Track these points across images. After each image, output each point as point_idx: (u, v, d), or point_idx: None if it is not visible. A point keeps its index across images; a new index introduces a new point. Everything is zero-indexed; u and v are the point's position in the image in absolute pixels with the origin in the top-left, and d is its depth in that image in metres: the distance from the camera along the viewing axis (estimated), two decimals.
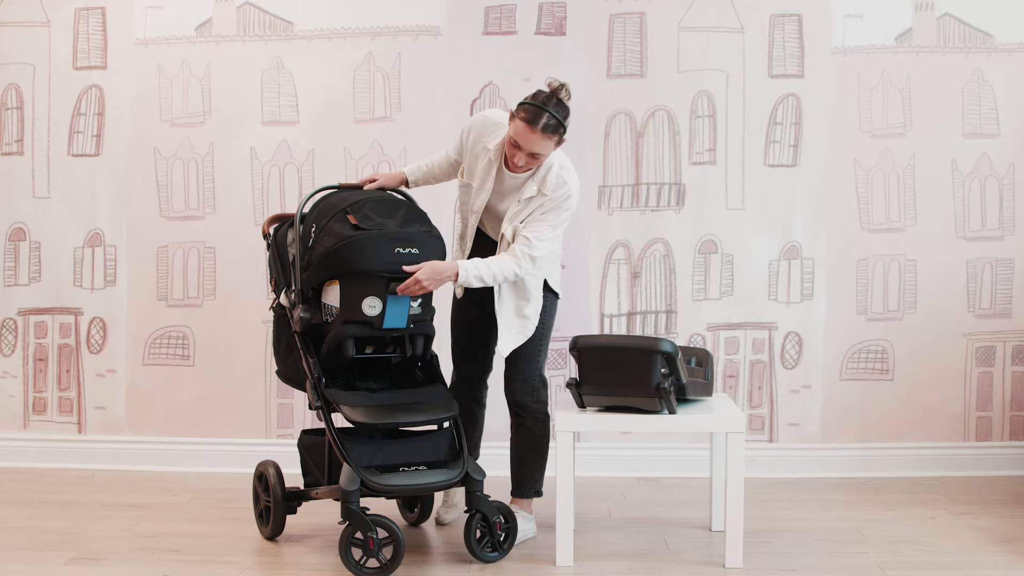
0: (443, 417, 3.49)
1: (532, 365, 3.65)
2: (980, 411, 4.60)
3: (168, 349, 4.73)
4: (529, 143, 3.35)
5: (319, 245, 3.42)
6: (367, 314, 3.37)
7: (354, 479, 3.26)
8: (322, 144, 4.65)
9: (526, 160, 3.40)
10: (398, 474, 3.34)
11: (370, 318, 3.37)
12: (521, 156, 3.39)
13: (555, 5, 4.60)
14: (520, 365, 3.64)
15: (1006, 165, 4.56)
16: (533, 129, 3.32)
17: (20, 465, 4.71)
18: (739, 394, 4.61)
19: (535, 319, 3.62)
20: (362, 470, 3.30)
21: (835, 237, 4.59)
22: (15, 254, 4.78)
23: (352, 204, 3.46)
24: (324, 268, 3.40)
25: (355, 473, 3.27)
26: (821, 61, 4.56)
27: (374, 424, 3.39)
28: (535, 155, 3.38)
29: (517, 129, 3.35)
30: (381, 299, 3.37)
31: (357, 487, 3.26)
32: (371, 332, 3.40)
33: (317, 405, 3.42)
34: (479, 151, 3.58)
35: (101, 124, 4.72)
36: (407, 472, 3.36)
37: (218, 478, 4.53)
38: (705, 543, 3.67)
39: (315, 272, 3.43)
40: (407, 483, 3.34)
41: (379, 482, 3.29)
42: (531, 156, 3.39)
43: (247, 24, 4.66)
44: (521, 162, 3.40)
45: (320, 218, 3.46)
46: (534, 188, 3.47)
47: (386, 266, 3.37)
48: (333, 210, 3.46)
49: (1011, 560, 3.46)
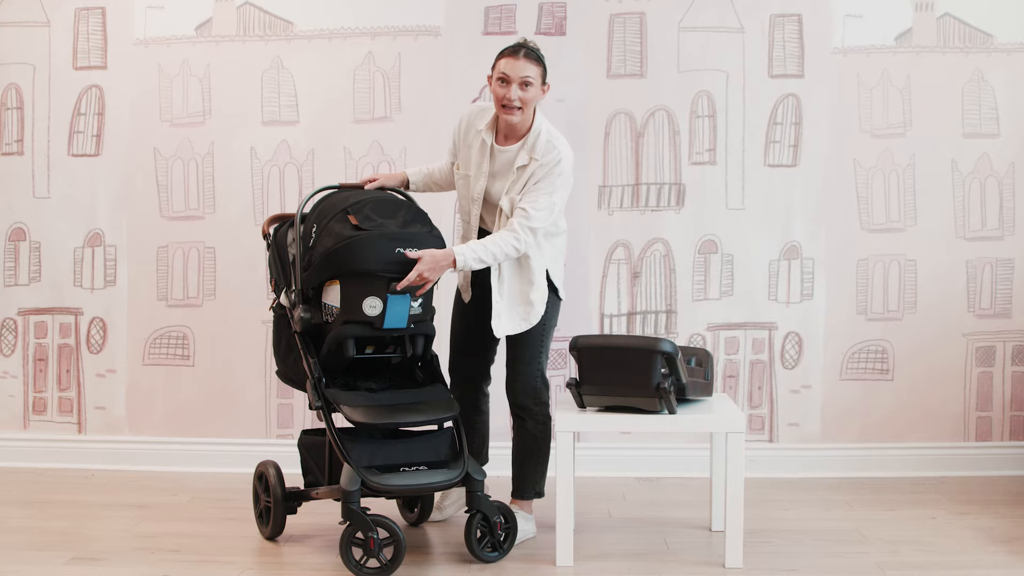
0: (443, 417, 3.49)
1: (533, 366, 3.64)
2: (980, 411, 4.60)
3: (168, 349, 4.73)
4: (515, 69, 3.43)
5: (319, 245, 3.42)
6: (367, 314, 3.37)
7: (354, 479, 3.27)
8: (322, 144, 4.65)
9: (519, 93, 3.43)
10: (398, 474, 3.34)
11: (370, 318, 3.37)
12: (512, 88, 3.43)
13: (555, 5, 4.60)
14: (520, 367, 3.64)
15: (1006, 165, 4.56)
16: (517, 56, 3.44)
17: (20, 465, 4.71)
18: (739, 394, 4.61)
19: (540, 308, 3.58)
20: (362, 470, 3.29)
21: (835, 237, 4.59)
22: (15, 254, 4.78)
23: (353, 204, 3.46)
24: (324, 268, 3.40)
25: (355, 473, 3.27)
26: (821, 61, 4.56)
27: (374, 424, 3.39)
28: (525, 83, 3.43)
29: (503, 65, 3.45)
30: (382, 299, 3.37)
31: (358, 487, 3.26)
32: (371, 332, 3.40)
33: (317, 405, 3.42)
34: (472, 138, 3.61)
35: (101, 124, 4.72)
36: (408, 472, 3.36)
37: (218, 478, 4.53)
38: (705, 543, 3.67)
39: (315, 272, 3.42)
40: (408, 483, 3.34)
41: (379, 482, 3.29)
42: (522, 85, 3.43)
43: (247, 24, 4.66)
44: (514, 95, 3.43)
45: (321, 218, 3.46)
46: (525, 157, 3.50)
47: (386, 266, 3.37)
48: (334, 210, 3.46)
49: (1011, 560, 3.46)
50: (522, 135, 3.54)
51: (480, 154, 3.59)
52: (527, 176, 3.49)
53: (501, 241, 3.43)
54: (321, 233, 3.43)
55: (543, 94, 3.53)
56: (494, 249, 3.42)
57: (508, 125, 3.54)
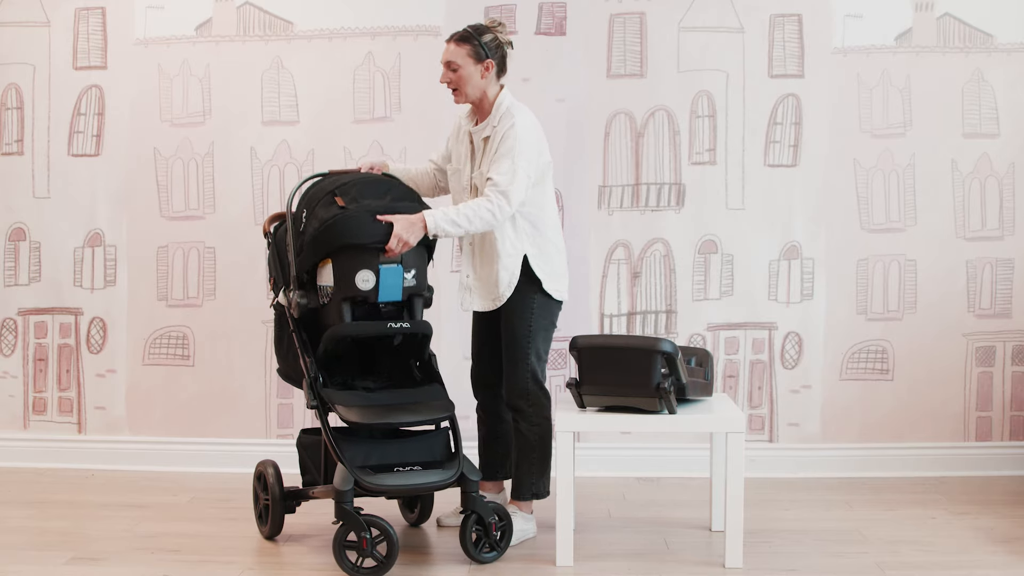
0: (439, 417, 3.48)
1: (522, 367, 3.63)
2: (980, 411, 4.60)
3: (168, 349, 4.72)
4: (443, 55, 3.61)
5: (308, 227, 3.46)
6: (361, 288, 3.39)
7: (348, 479, 3.26)
8: (322, 144, 4.65)
9: (450, 75, 3.59)
10: (392, 474, 3.34)
11: (365, 292, 3.39)
12: (445, 73, 3.60)
13: (555, 5, 4.60)
14: (509, 367, 3.65)
15: (1006, 165, 4.56)
16: (448, 42, 3.62)
17: (20, 465, 4.71)
18: (739, 394, 4.61)
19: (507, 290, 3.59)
20: (356, 470, 3.29)
21: (835, 237, 4.58)
22: (15, 254, 4.78)
23: (340, 186, 3.52)
24: (315, 248, 3.43)
25: (349, 473, 3.27)
26: (821, 61, 4.56)
27: (369, 424, 3.39)
28: (450, 66, 3.58)
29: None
30: (374, 272, 3.40)
31: (351, 487, 3.26)
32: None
33: (313, 404, 3.42)
34: (461, 134, 3.72)
35: (101, 124, 4.72)
36: (402, 472, 3.35)
37: (218, 478, 4.53)
38: (705, 543, 3.67)
39: (307, 254, 3.46)
40: (401, 483, 3.34)
41: (373, 482, 3.29)
42: (449, 68, 3.58)
43: (247, 24, 4.66)
44: (445, 78, 3.60)
45: (310, 203, 3.51)
46: (489, 129, 3.60)
47: (374, 238, 3.39)
48: (321, 193, 3.51)
49: (1011, 560, 3.46)
50: (485, 114, 3.64)
51: (463, 144, 3.71)
52: (492, 148, 3.56)
53: (475, 205, 3.47)
54: (310, 217, 3.47)
55: (486, 71, 3.59)
56: (467, 211, 3.45)
57: (477, 109, 3.66)
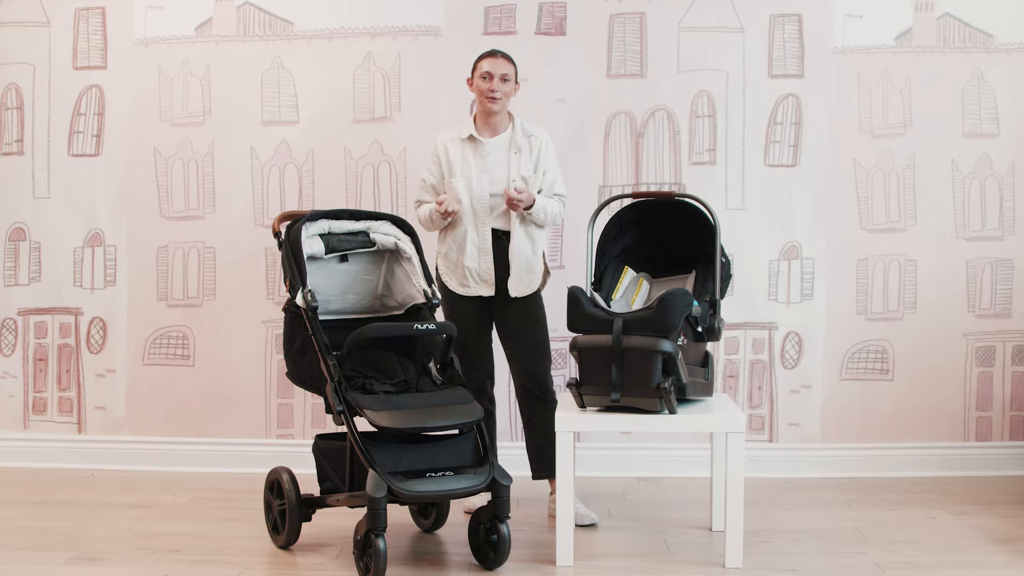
0: (469, 421, 3.36)
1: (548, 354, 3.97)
2: (980, 411, 4.60)
3: (168, 349, 4.72)
4: (496, 67, 3.86)
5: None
6: None
7: (381, 486, 3.15)
8: (322, 144, 4.65)
9: (500, 86, 3.84)
10: (425, 480, 3.23)
11: None
12: (494, 81, 3.84)
13: (555, 5, 4.60)
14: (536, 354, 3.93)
15: (1006, 165, 4.56)
16: (496, 57, 3.88)
17: (20, 465, 4.71)
18: (739, 394, 4.61)
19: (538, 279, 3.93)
20: (388, 476, 3.19)
21: (835, 237, 4.58)
22: (15, 254, 4.78)
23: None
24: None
25: (382, 479, 3.17)
26: (821, 61, 4.56)
27: (401, 429, 3.25)
28: (504, 78, 3.85)
29: (485, 64, 3.87)
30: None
31: (385, 494, 3.15)
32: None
33: (339, 409, 3.29)
34: (454, 148, 3.90)
35: (101, 124, 4.72)
36: (434, 478, 3.25)
37: (218, 478, 4.53)
38: (705, 543, 3.67)
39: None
40: (435, 489, 3.23)
41: (406, 488, 3.18)
42: (501, 80, 3.85)
43: (247, 24, 4.66)
44: (496, 87, 3.84)
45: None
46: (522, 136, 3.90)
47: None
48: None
49: (1011, 560, 3.46)
50: (502, 128, 3.91)
51: (472, 154, 3.87)
52: (536, 150, 3.89)
53: (556, 202, 3.91)
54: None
55: (515, 92, 3.93)
56: (551, 211, 3.89)
57: (491, 120, 3.89)
